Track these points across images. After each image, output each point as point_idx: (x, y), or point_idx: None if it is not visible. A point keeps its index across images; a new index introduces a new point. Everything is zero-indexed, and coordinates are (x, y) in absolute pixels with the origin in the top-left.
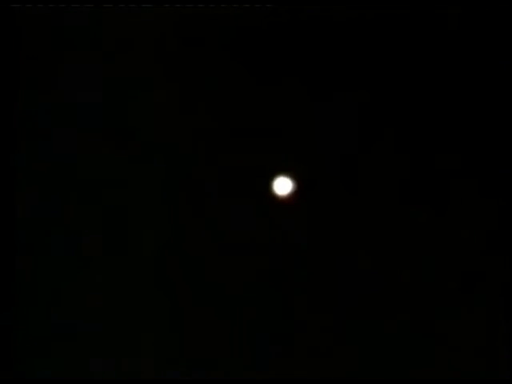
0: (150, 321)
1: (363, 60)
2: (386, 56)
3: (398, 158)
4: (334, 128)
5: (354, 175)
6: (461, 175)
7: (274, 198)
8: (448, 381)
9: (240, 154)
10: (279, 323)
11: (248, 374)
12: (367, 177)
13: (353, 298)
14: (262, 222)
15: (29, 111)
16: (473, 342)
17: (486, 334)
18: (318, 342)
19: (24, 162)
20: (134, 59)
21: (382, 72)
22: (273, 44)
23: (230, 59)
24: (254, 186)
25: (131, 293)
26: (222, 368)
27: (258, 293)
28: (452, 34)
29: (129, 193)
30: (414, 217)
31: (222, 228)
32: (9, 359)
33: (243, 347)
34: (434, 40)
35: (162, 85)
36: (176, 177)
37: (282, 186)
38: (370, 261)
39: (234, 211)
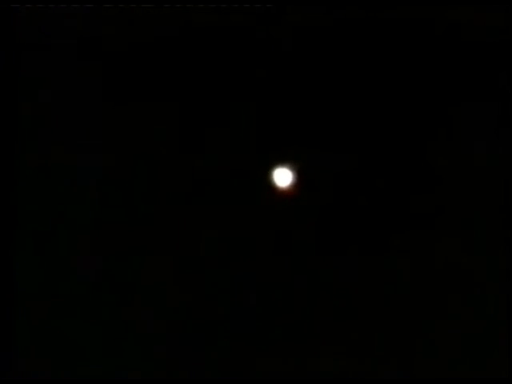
0: (150, 321)
1: (363, 59)
2: (386, 56)
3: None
4: (334, 121)
5: (353, 166)
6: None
7: (273, 189)
8: (448, 381)
9: (240, 147)
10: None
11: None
12: (366, 169)
13: (351, 289)
14: (261, 213)
15: (29, 107)
16: (472, 343)
17: (485, 334)
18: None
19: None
20: (133, 60)
21: (381, 71)
22: (272, 43)
23: (229, 57)
24: (253, 177)
25: (131, 292)
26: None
27: (258, 285)
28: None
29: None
30: (412, 209)
31: (221, 220)
32: (9, 359)
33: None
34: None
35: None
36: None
37: (282, 177)
38: (369, 253)
39: (234, 203)
